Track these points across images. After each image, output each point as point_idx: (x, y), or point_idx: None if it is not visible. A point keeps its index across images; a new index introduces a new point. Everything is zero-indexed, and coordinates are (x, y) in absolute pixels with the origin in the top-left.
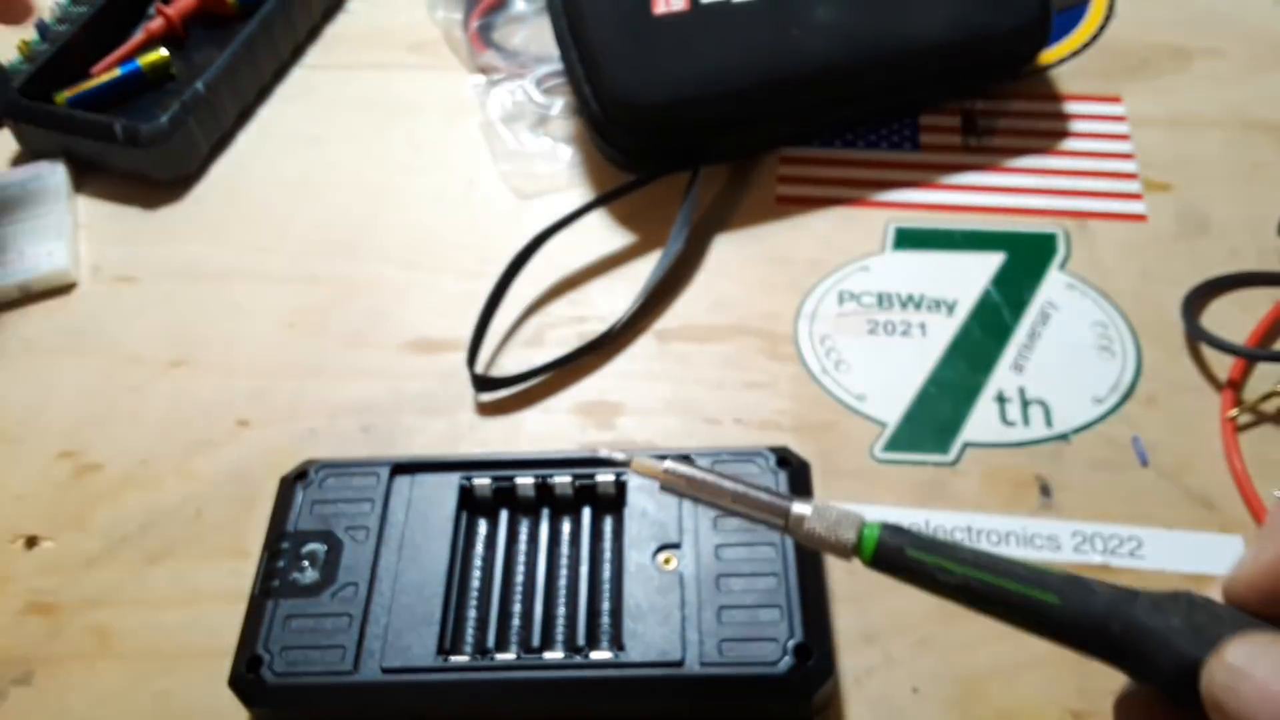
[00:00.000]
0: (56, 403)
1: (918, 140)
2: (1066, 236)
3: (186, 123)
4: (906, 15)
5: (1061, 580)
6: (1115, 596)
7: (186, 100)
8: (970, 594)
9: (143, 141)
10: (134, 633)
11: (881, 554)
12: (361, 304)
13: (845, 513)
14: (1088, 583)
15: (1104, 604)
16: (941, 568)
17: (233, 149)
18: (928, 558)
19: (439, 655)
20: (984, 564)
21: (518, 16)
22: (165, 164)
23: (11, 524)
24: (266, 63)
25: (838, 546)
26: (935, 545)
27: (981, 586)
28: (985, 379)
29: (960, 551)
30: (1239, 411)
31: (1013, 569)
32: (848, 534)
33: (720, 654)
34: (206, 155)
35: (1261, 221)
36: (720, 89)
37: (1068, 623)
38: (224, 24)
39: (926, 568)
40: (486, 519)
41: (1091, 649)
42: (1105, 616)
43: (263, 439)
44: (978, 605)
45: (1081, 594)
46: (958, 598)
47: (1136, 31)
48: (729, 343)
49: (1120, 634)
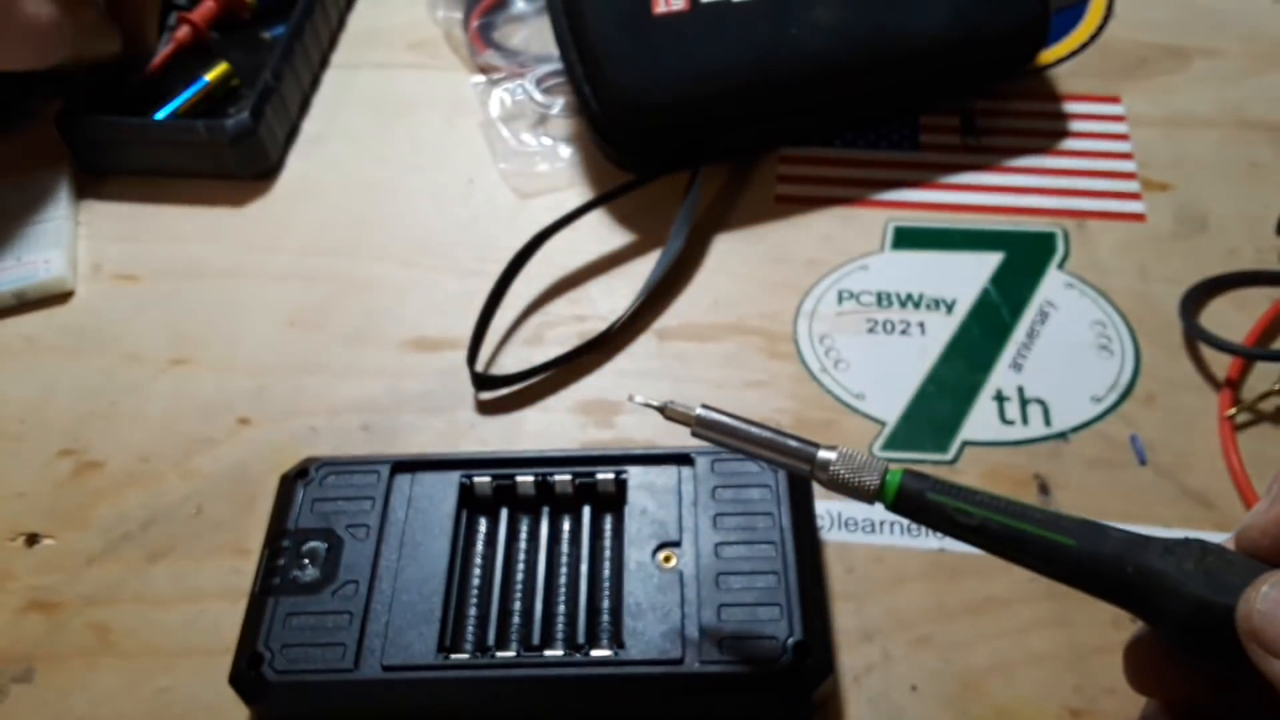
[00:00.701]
0: (57, 400)
1: (917, 140)
2: (1065, 236)
3: (265, 115)
4: (906, 15)
5: (1076, 524)
6: (1129, 540)
7: (261, 92)
8: (988, 535)
9: (229, 139)
10: (135, 630)
11: (903, 497)
12: (362, 302)
13: (869, 458)
14: (1102, 527)
15: (1118, 547)
16: (960, 510)
17: None
18: (948, 500)
19: (439, 653)
20: (1001, 507)
21: (518, 16)
22: (248, 161)
23: (12, 521)
24: (314, 50)
25: (861, 490)
26: (954, 489)
27: (999, 528)
28: (984, 378)
29: (979, 495)
30: (1237, 410)
31: (1029, 512)
32: (871, 478)
33: (720, 652)
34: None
35: (1259, 221)
36: (720, 88)
37: (1084, 564)
38: (241, 27)
39: (946, 510)
40: (487, 517)
41: (1104, 591)
42: (1119, 559)
43: (263, 437)
44: (995, 547)
45: (1096, 537)
46: (975, 539)
47: (1135, 31)
48: (728, 341)
49: (1134, 576)
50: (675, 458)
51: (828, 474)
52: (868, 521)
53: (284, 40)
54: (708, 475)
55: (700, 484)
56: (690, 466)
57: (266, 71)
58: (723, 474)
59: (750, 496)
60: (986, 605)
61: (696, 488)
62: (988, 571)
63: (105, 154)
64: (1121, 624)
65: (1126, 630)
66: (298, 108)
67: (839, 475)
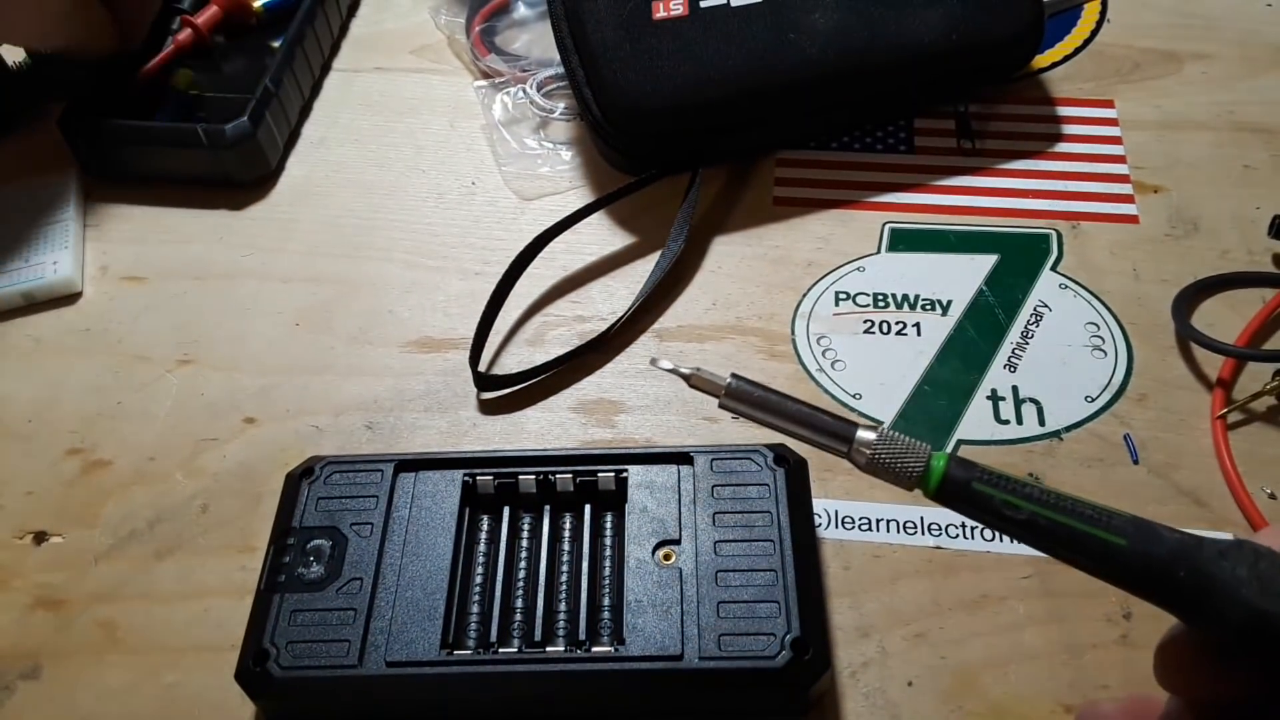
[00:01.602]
0: (65, 400)
1: (913, 143)
2: (1059, 238)
3: (264, 120)
4: (902, 21)
5: (1128, 522)
6: (1182, 543)
7: (260, 97)
8: (1036, 531)
9: (228, 143)
10: (141, 627)
11: (947, 486)
12: (366, 303)
13: (912, 442)
14: (1155, 527)
15: (1170, 549)
16: (1008, 503)
17: None
18: (995, 492)
19: (443, 649)
20: (1051, 502)
21: (520, 21)
22: (247, 165)
23: (20, 520)
24: (314, 57)
25: (901, 475)
26: (1002, 480)
27: (1048, 524)
28: (979, 378)
29: (1028, 488)
30: (1229, 410)
31: (1080, 508)
32: (914, 463)
33: (719, 648)
34: (281, 155)
35: (1252, 223)
36: (719, 93)
37: (1135, 566)
38: (246, 33)
39: (993, 503)
40: (489, 515)
41: (1153, 593)
42: (1172, 562)
43: (269, 436)
44: (1043, 544)
45: (1148, 537)
46: (1023, 535)
47: (1128, 36)
48: (727, 342)
49: (1186, 580)
50: (675, 456)
51: (866, 456)
52: (865, 520)
53: (284, 47)
54: (707, 474)
55: (699, 482)
56: (689, 465)
57: (266, 78)
58: (721, 472)
59: (749, 495)
60: (982, 602)
61: (696, 486)
62: (983, 568)
63: (106, 156)
64: (1115, 621)
65: (1120, 627)
66: (298, 113)
67: (879, 457)
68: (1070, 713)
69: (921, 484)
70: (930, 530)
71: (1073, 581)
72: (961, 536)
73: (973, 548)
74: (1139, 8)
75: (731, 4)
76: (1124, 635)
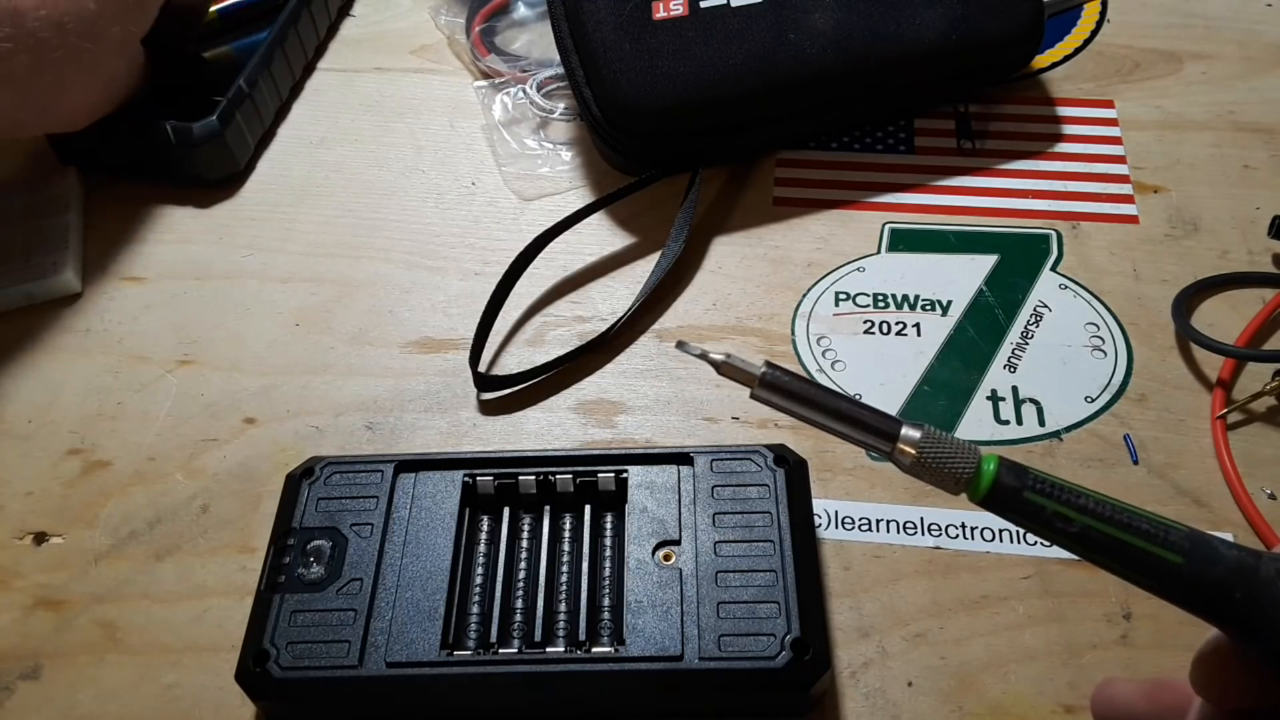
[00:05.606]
0: (65, 400)
1: (912, 143)
2: (1059, 238)
3: (234, 120)
4: (902, 22)
5: (1185, 537)
6: (1240, 560)
7: (232, 98)
8: (1088, 544)
9: (195, 141)
10: (141, 628)
11: (996, 493)
12: (365, 303)
13: (961, 443)
14: (1212, 542)
15: (1228, 568)
16: (1060, 515)
17: None
18: (1047, 503)
19: (443, 650)
20: (1105, 515)
21: (520, 21)
22: (214, 164)
23: (20, 520)
24: (296, 57)
25: (949, 478)
26: (1055, 490)
27: (1101, 538)
28: (979, 378)
29: (1082, 498)
30: (1229, 410)
31: (1136, 522)
32: (963, 466)
33: (719, 648)
34: (252, 155)
35: (1252, 223)
36: (719, 94)
37: (1190, 584)
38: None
39: (1045, 514)
40: (489, 515)
41: (1207, 612)
42: (1229, 582)
43: (269, 436)
44: (1095, 557)
45: (1206, 557)
46: (1074, 547)
47: (1128, 36)
48: (727, 342)
49: (1243, 601)
50: (675, 457)
51: (911, 456)
52: (865, 520)
53: (263, 48)
54: (707, 474)
55: (699, 483)
56: (689, 466)
57: (241, 78)
58: (722, 473)
59: (749, 495)
60: (982, 602)
61: (696, 486)
62: (983, 569)
63: (74, 148)
64: (1115, 621)
65: (1120, 627)
66: (273, 113)
67: (926, 458)
68: (1070, 713)
69: (968, 488)
70: (930, 530)
71: (1073, 581)
72: (961, 537)
73: (973, 548)
74: (1139, 8)
75: (731, 4)
76: (1124, 635)
